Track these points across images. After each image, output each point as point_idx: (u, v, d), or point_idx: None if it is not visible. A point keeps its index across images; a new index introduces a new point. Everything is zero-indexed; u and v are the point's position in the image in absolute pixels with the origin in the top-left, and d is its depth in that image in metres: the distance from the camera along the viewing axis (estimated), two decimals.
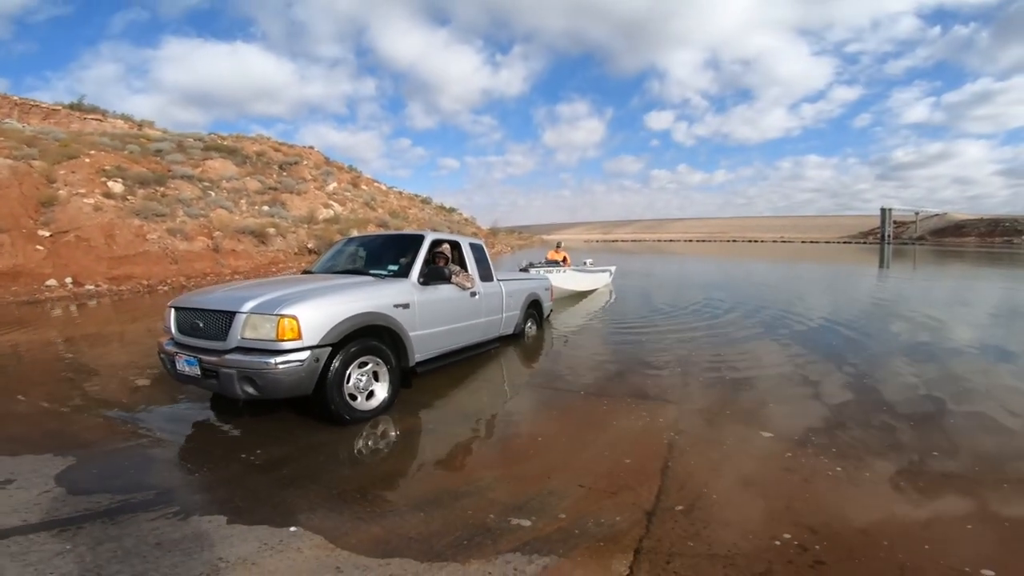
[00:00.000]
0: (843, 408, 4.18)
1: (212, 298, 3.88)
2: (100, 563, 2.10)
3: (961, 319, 8.89)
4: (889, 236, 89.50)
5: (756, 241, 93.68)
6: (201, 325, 3.72)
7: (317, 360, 3.47)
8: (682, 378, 5.08)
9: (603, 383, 5.00)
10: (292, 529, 2.36)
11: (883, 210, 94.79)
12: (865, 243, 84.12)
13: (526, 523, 2.43)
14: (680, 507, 2.60)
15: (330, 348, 3.56)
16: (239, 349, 3.47)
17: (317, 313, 3.52)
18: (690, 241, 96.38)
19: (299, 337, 3.39)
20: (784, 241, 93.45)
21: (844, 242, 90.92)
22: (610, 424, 3.84)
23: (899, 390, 4.66)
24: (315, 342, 3.47)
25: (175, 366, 3.76)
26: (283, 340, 3.36)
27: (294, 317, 3.39)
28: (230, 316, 3.53)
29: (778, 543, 2.29)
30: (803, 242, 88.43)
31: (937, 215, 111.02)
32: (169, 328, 4.00)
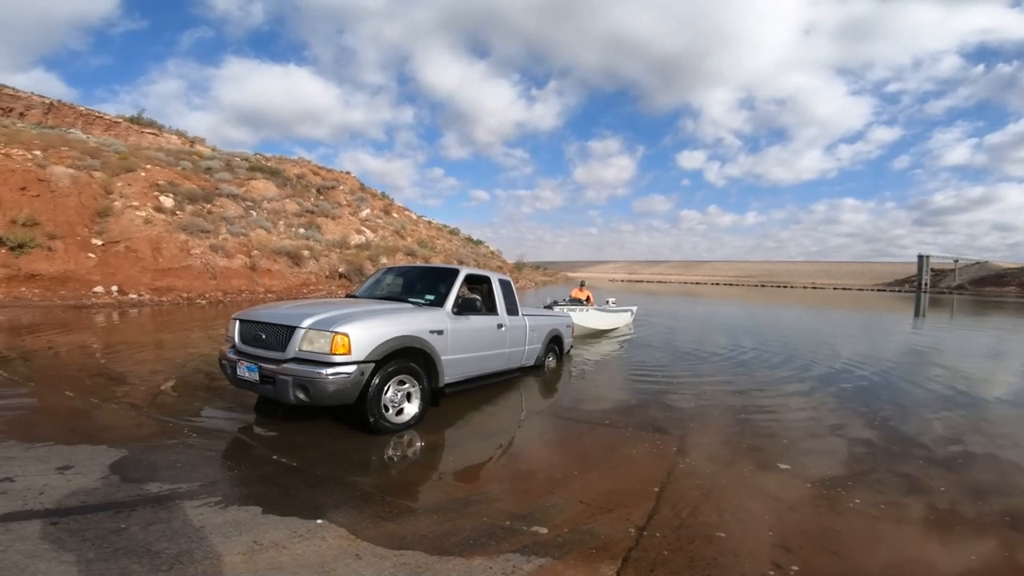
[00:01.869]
0: (849, 451, 4.27)
1: (275, 313, 4.32)
2: (150, 540, 2.39)
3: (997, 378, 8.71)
4: (926, 284, 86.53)
5: (786, 286, 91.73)
6: (263, 336, 4.14)
7: (362, 374, 3.87)
8: (693, 416, 5.17)
9: (614, 415, 5.18)
10: (319, 521, 2.65)
11: (921, 257, 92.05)
12: (900, 291, 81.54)
13: (527, 529, 2.67)
14: (669, 525, 2.80)
15: (373, 364, 3.96)
16: (295, 360, 3.88)
17: (365, 333, 3.93)
18: (717, 284, 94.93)
19: (349, 352, 3.80)
20: (815, 287, 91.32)
21: (879, 289, 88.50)
22: (615, 451, 4.04)
23: (905, 438, 4.71)
24: (362, 358, 3.87)
25: (235, 372, 4.17)
26: (335, 354, 3.77)
27: (346, 334, 3.80)
28: (290, 330, 3.96)
29: (754, 561, 2.47)
30: (835, 288, 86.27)
31: (977, 263, 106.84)
32: (232, 337, 4.41)
